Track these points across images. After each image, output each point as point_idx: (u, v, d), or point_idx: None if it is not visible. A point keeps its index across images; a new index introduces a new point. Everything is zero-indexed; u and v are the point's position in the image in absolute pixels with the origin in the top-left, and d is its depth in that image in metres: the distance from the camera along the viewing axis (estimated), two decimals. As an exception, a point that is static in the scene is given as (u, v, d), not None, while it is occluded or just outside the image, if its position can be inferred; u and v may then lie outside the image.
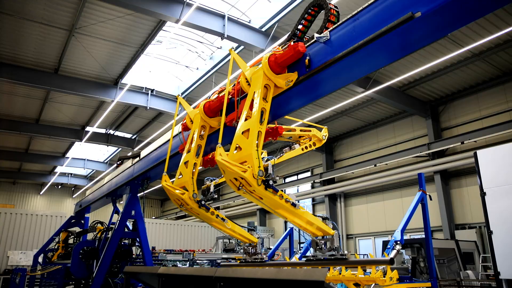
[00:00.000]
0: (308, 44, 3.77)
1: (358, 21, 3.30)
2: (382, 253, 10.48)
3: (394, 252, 4.24)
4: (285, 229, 23.46)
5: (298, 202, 3.67)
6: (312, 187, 21.07)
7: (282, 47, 3.85)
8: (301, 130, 5.79)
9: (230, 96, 4.33)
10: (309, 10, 4.05)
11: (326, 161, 20.40)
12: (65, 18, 11.93)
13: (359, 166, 17.73)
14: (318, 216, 3.86)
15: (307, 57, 3.69)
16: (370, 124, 18.80)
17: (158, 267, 4.29)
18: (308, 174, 21.96)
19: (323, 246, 3.87)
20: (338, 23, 3.52)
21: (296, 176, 22.94)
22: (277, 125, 5.11)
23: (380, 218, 17.82)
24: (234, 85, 4.29)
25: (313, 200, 21.62)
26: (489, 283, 9.35)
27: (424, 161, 15.73)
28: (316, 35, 3.62)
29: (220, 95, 4.53)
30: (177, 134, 5.66)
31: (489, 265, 10.50)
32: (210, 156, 6.49)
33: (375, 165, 16.92)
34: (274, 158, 5.30)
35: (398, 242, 4.38)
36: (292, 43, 3.74)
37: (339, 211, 19.82)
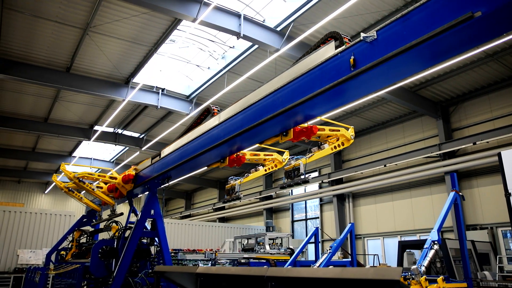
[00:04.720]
0: (352, 43, 3.79)
1: (410, 20, 3.28)
2: (398, 255, 10.48)
3: (432, 252, 4.24)
4: (292, 228, 23.49)
5: (106, 184, 8.32)
6: (320, 187, 21.04)
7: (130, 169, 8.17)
8: (329, 130, 5.78)
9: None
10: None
11: (334, 161, 20.38)
12: (80, 16, 11.92)
13: (368, 167, 17.71)
14: (110, 195, 7.91)
15: (352, 57, 3.72)
16: (379, 124, 18.78)
17: (196, 267, 4.26)
18: (316, 174, 21.94)
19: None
20: (386, 23, 3.50)
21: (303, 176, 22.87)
22: (311, 125, 5.11)
23: (389, 219, 17.80)
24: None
25: (321, 200, 21.59)
26: (506, 284, 9.32)
27: (434, 161, 15.69)
28: (362, 34, 3.62)
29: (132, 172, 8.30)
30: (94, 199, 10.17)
31: (504, 266, 10.49)
32: (235, 156, 6.52)
33: (385, 165, 16.90)
34: (305, 158, 5.31)
35: (436, 242, 4.37)
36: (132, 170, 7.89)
37: (347, 211, 19.81)
